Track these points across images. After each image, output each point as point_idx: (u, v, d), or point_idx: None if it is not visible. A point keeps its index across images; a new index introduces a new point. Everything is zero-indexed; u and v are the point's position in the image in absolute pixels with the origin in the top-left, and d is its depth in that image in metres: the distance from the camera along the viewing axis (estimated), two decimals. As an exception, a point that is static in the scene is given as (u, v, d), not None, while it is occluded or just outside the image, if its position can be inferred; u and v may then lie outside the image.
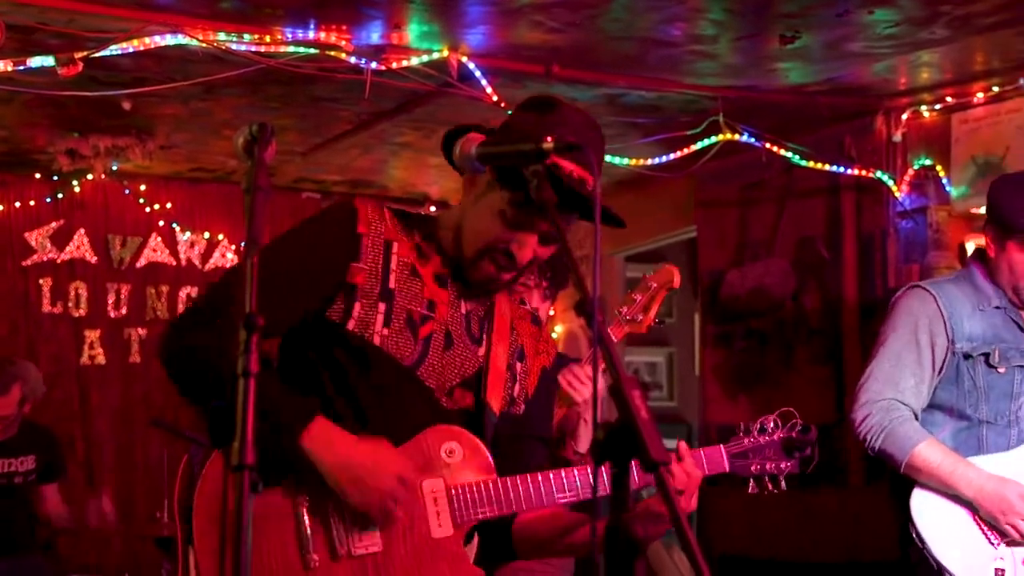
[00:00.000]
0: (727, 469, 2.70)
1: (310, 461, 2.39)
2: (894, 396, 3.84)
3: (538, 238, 2.56)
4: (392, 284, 2.57)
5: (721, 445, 2.71)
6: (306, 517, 2.46)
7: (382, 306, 2.54)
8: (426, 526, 2.51)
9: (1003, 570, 3.68)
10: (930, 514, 3.77)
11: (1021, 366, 3.85)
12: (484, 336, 2.69)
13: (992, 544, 3.72)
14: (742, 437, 2.74)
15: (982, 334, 3.86)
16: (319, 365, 2.55)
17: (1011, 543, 3.71)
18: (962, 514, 3.75)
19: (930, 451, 3.74)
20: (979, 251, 4.03)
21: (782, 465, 2.74)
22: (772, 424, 2.76)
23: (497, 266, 2.57)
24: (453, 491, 2.52)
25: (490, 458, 2.58)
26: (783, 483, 2.75)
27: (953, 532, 3.75)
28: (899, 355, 3.88)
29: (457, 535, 2.52)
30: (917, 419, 3.84)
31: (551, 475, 2.56)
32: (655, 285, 4.19)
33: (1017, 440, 3.83)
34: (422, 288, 2.60)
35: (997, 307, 3.89)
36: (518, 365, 2.76)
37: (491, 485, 2.54)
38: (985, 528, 3.73)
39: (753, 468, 2.72)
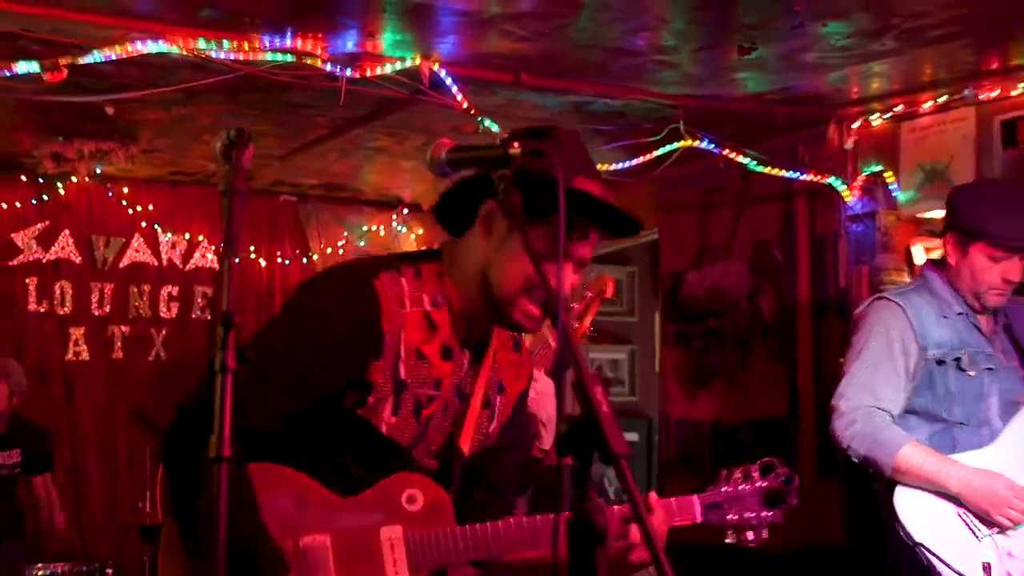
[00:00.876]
0: (699, 519, 2.62)
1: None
2: (873, 404, 3.85)
3: (572, 263, 2.50)
4: (403, 375, 2.48)
5: (695, 495, 2.63)
6: None
7: (391, 399, 2.48)
8: (383, 573, 2.45)
9: (989, 564, 3.70)
10: (915, 512, 3.79)
11: (988, 368, 3.88)
12: (471, 389, 2.63)
13: (977, 538, 3.74)
14: (719, 485, 2.65)
15: (950, 340, 3.89)
16: (316, 434, 2.48)
17: (998, 533, 3.72)
18: (947, 510, 3.77)
19: (915, 453, 3.76)
20: (933, 260, 4.07)
21: (763, 515, 2.65)
22: (755, 473, 2.66)
23: (535, 301, 2.47)
24: (411, 538, 2.47)
25: (450, 505, 2.52)
26: (765, 533, 2.66)
27: (940, 528, 3.76)
28: (875, 365, 3.89)
29: None
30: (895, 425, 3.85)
31: (513, 524, 2.49)
32: (590, 295, 4.19)
33: (988, 438, 3.86)
34: (430, 370, 2.52)
35: (959, 313, 3.93)
36: (497, 399, 2.71)
37: (449, 534, 2.48)
38: (969, 523, 3.75)
39: (730, 518, 2.64)
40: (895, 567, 3.89)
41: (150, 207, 8.18)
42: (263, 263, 8.55)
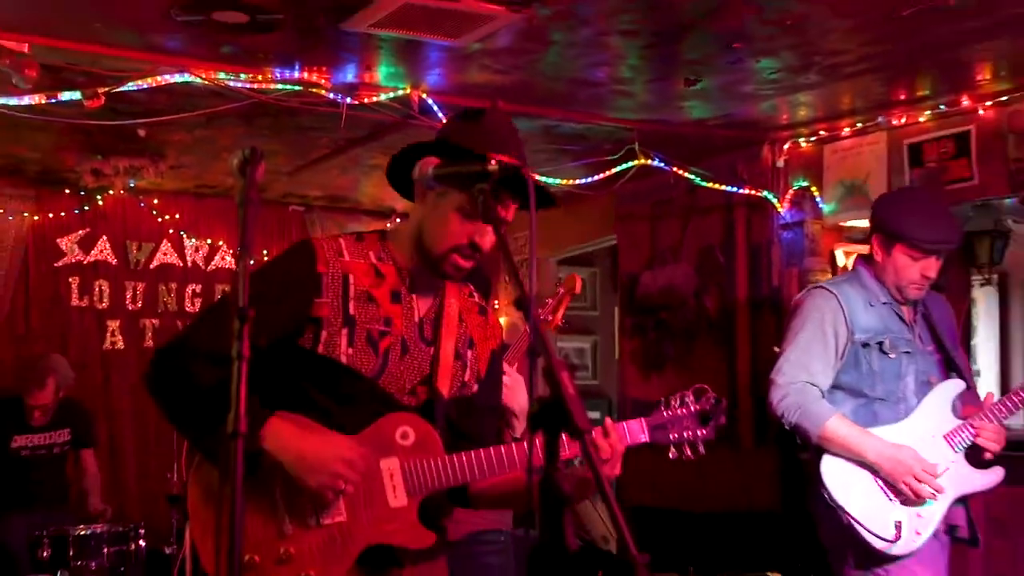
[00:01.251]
0: (648, 439, 2.65)
1: (273, 459, 2.39)
2: (807, 379, 3.84)
3: (493, 227, 2.51)
4: (352, 311, 2.52)
5: (642, 419, 2.67)
6: (279, 497, 2.44)
7: (345, 331, 2.50)
8: (384, 498, 2.47)
9: (900, 522, 3.72)
10: (837, 477, 3.79)
11: (907, 352, 3.88)
12: (434, 336, 2.63)
13: (890, 500, 3.76)
14: (662, 411, 2.69)
15: (875, 326, 3.89)
16: (295, 386, 2.51)
17: (905, 501, 3.74)
18: (865, 477, 3.78)
19: (839, 425, 3.77)
20: (863, 256, 4.06)
21: (699, 433, 2.69)
22: (690, 398, 2.72)
23: (463, 256, 2.52)
24: (406, 467, 2.49)
25: (439, 438, 2.54)
26: (701, 448, 2.71)
27: (858, 492, 3.78)
28: (809, 344, 3.88)
29: (411, 504, 2.49)
30: (824, 398, 3.86)
31: (492, 451, 2.52)
32: (562, 291, 4.22)
33: (904, 413, 3.86)
34: (378, 309, 2.55)
35: (884, 303, 3.93)
36: (468, 353, 2.70)
37: (440, 461, 2.50)
38: (884, 488, 3.77)
39: (672, 436, 2.68)
40: (819, 526, 3.91)
41: (177, 216, 8.13)
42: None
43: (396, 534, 2.48)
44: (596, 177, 6.71)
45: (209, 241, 8.25)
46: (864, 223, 6.52)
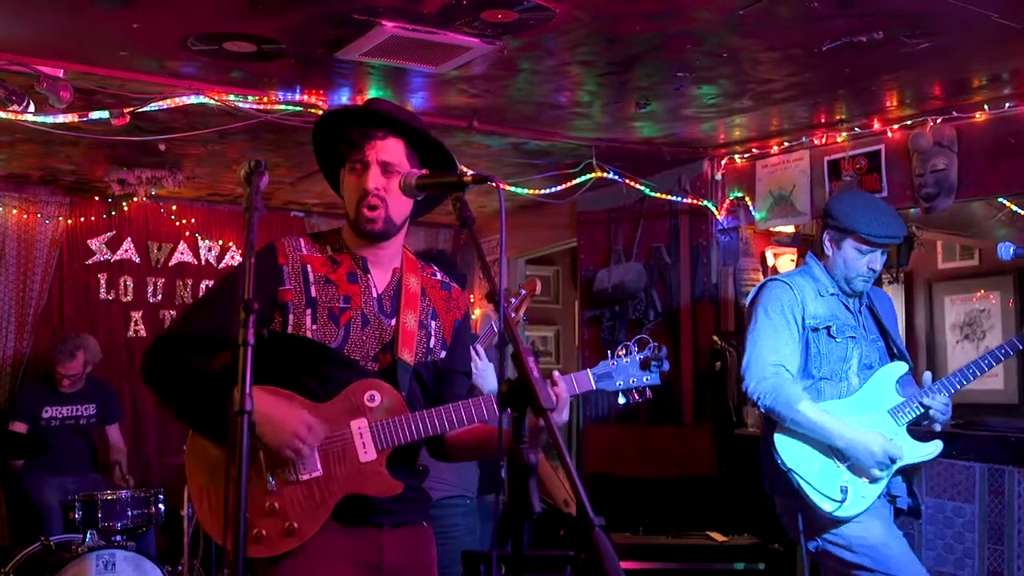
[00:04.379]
0: (594, 387, 2.59)
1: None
2: (779, 361, 3.74)
3: (374, 167, 2.50)
4: (314, 294, 2.52)
5: (588, 369, 2.61)
6: (262, 457, 2.42)
7: (308, 311, 2.49)
8: (355, 454, 2.46)
9: (847, 487, 3.62)
10: (790, 450, 3.70)
11: (852, 337, 3.81)
12: (394, 309, 2.59)
13: (838, 466, 3.66)
14: (608, 360, 2.62)
15: (823, 314, 3.82)
16: (275, 365, 2.47)
17: (852, 467, 3.65)
18: (811, 449, 3.69)
19: (810, 409, 3.64)
20: (814, 251, 4.00)
21: (644, 379, 2.63)
22: (633, 348, 2.65)
23: (368, 207, 2.50)
24: (374, 426, 2.47)
25: (402, 399, 2.51)
26: (649, 393, 2.64)
27: (808, 461, 3.68)
28: (775, 329, 3.78)
29: (380, 458, 2.47)
30: (795, 379, 3.75)
31: (451, 407, 2.51)
32: (524, 292, 4.26)
33: (847, 392, 3.79)
34: (337, 289, 2.54)
35: (832, 294, 3.87)
36: (432, 323, 2.66)
37: (404, 418, 2.48)
38: (832, 455, 3.67)
39: (617, 384, 2.62)
40: (772, 488, 3.81)
41: (192, 220, 8.08)
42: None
43: (367, 485, 2.46)
44: (559, 188, 6.72)
45: (220, 242, 8.20)
46: (790, 228, 6.58)
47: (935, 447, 3.77)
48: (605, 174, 6.48)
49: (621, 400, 2.63)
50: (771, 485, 3.81)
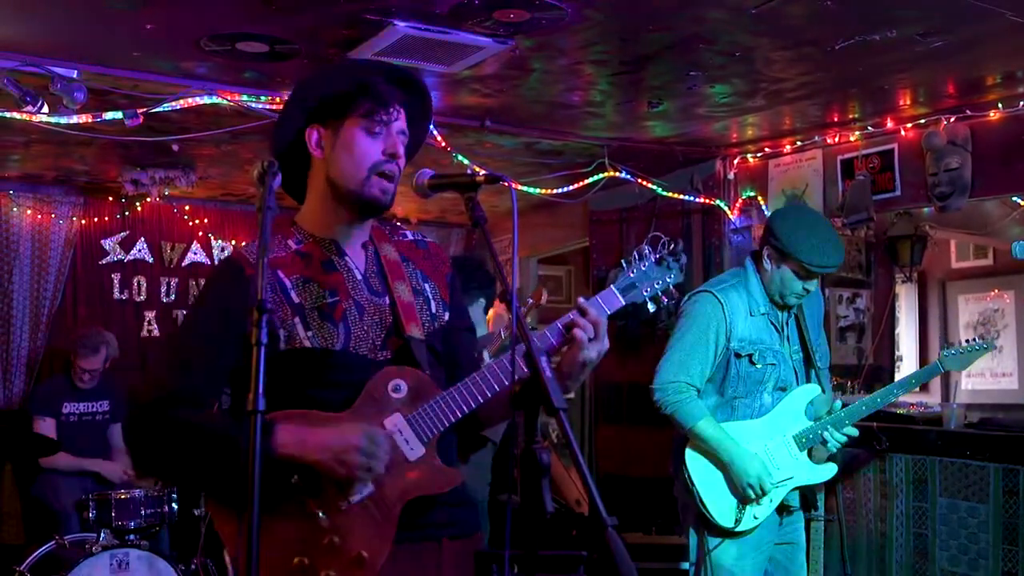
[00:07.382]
0: (623, 303, 2.35)
1: (294, 464, 2.09)
2: (686, 379, 3.88)
3: (397, 133, 2.27)
4: (296, 299, 2.22)
5: (611, 285, 2.36)
6: (302, 493, 2.13)
7: (297, 318, 2.20)
8: (401, 455, 2.18)
9: (740, 518, 3.83)
10: (697, 461, 3.90)
11: (772, 364, 3.91)
12: (383, 285, 2.33)
13: (730, 491, 3.86)
14: (625, 271, 2.38)
15: (749, 337, 3.90)
16: (280, 388, 2.11)
17: (744, 499, 3.85)
18: (713, 468, 3.89)
19: (706, 426, 3.83)
20: (754, 255, 4.01)
21: (667, 278, 2.41)
22: (647, 251, 2.41)
23: (387, 171, 2.26)
24: (411, 418, 2.19)
25: (428, 378, 2.24)
26: (674, 291, 2.42)
27: (711, 477, 3.88)
28: (692, 347, 3.90)
29: (430, 451, 2.21)
30: (699, 395, 3.90)
31: (478, 375, 2.21)
32: (532, 301, 4.40)
33: (759, 412, 3.94)
34: (319, 285, 2.25)
35: (763, 313, 3.94)
36: (426, 287, 2.40)
37: (439, 401, 2.20)
38: (730, 482, 3.86)
39: (644, 292, 2.38)
40: (680, 498, 4.01)
41: (205, 220, 8.10)
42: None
43: (425, 483, 2.20)
44: (571, 187, 6.71)
45: (233, 242, 8.20)
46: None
47: (829, 470, 3.96)
48: (617, 174, 6.47)
49: (651, 308, 2.41)
50: (676, 487, 4.01)
